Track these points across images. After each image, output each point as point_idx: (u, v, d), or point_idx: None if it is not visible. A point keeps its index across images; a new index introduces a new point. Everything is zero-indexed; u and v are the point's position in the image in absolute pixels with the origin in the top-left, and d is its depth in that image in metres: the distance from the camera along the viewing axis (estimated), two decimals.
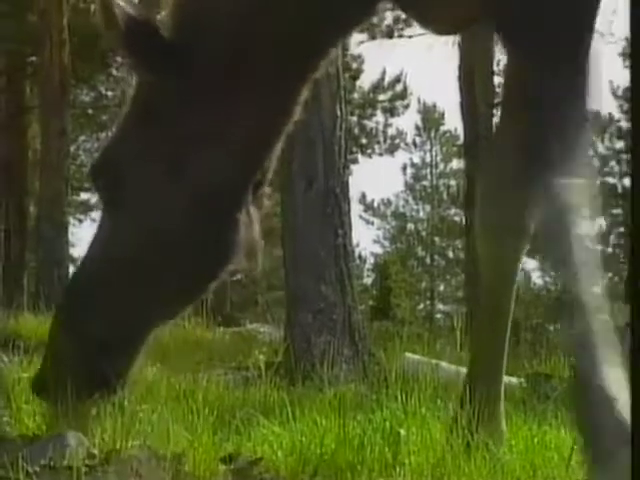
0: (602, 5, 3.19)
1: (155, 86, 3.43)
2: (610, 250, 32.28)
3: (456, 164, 33.32)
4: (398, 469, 3.20)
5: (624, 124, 33.44)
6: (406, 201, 37.00)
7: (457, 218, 22.49)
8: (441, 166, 36.33)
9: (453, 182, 34.21)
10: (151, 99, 3.46)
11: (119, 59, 20.67)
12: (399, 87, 30.52)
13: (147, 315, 3.43)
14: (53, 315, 3.67)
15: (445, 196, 35.72)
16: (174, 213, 3.32)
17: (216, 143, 3.34)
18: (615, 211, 32.53)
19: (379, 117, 30.94)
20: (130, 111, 3.55)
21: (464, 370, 3.76)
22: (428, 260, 36.60)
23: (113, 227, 3.49)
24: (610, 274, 19.24)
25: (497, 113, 25.22)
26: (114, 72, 25.98)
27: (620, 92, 33.05)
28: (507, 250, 3.55)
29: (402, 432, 3.46)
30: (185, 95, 3.38)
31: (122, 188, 3.40)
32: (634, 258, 1.48)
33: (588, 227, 2.95)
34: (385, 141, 31.25)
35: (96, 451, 2.95)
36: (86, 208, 33.75)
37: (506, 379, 4.49)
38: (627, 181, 32.85)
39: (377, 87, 30.19)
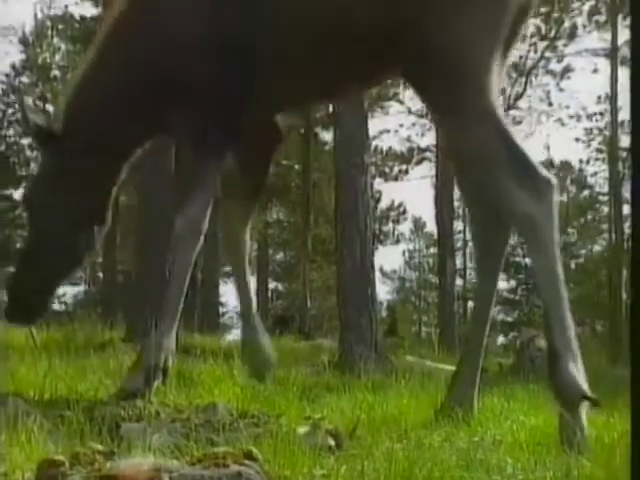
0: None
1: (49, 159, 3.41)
2: None
3: (432, 250, 33.06)
4: (403, 421, 3.10)
5: None
6: (405, 270, 36.86)
7: (434, 280, 22.44)
8: (424, 251, 36.20)
9: (430, 260, 34.10)
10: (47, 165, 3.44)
11: None
12: (402, 209, 31.11)
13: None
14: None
15: (426, 267, 35.58)
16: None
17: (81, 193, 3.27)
18: None
19: (389, 226, 31.37)
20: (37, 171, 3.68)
21: (439, 365, 3.62)
22: (417, 303, 36.34)
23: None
24: None
25: (455, 221, 25.10)
26: None
27: None
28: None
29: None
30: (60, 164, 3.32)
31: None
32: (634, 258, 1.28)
33: None
34: (394, 237, 31.90)
35: (234, 412, 2.89)
36: None
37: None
38: None
39: (390, 209, 30.66)
